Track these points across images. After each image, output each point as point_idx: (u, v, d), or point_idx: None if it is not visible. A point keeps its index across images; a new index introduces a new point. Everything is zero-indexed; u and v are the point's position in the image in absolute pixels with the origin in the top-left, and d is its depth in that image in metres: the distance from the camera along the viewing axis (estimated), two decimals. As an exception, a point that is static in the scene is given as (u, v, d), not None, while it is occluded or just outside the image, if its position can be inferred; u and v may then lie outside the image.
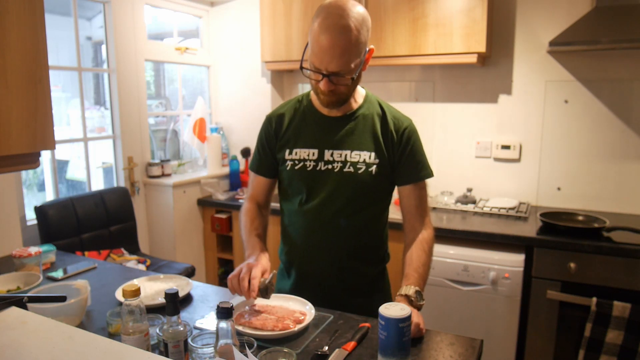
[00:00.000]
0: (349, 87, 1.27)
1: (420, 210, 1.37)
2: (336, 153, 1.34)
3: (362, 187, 1.32)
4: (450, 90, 2.80)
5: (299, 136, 1.38)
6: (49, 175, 2.58)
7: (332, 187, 1.33)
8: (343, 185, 1.32)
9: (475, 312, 2.21)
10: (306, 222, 1.38)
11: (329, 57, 1.18)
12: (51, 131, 0.88)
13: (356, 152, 1.33)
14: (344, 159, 1.33)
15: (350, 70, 1.21)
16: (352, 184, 1.32)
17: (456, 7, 2.37)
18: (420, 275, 1.29)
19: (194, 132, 3.08)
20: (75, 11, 2.55)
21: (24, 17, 0.81)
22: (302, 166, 1.36)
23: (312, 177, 1.35)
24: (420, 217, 1.37)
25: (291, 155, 1.38)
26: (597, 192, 2.53)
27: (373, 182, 1.33)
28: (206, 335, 1.07)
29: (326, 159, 1.34)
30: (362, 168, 1.32)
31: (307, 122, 1.38)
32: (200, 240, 3.15)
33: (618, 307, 1.93)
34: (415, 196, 1.36)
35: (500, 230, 2.19)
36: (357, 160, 1.32)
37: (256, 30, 3.07)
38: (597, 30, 2.19)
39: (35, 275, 1.53)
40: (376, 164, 1.32)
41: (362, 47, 1.21)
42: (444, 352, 1.13)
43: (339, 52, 1.17)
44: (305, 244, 1.40)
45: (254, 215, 1.44)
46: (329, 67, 1.20)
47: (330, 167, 1.33)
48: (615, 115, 2.45)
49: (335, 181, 1.33)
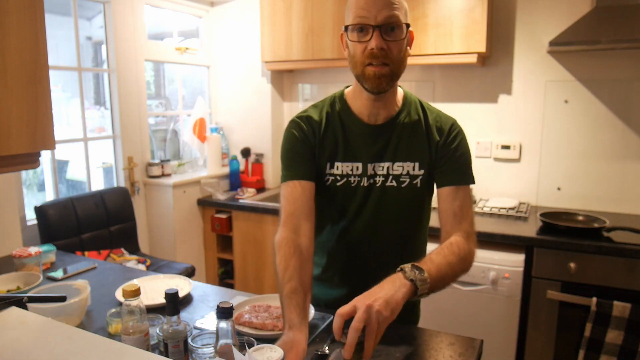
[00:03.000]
0: (401, 55, 1.11)
1: (460, 217, 1.17)
2: (378, 166, 1.20)
3: (406, 202, 1.21)
4: (450, 90, 2.80)
5: (339, 147, 1.22)
6: (49, 175, 2.58)
7: (375, 204, 1.21)
8: (386, 201, 1.20)
9: (475, 312, 2.21)
10: (348, 241, 1.26)
11: (380, 4, 1.07)
12: (51, 131, 0.88)
13: (399, 164, 1.20)
14: (387, 172, 1.20)
15: (401, 24, 1.09)
16: (395, 200, 1.20)
17: (456, 7, 2.36)
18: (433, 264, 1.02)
19: (194, 132, 3.08)
20: (75, 11, 2.54)
21: (24, 17, 0.81)
22: (345, 182, 1.21)
23: (355, 195, 1.21)
24: (458, 225, 1.16)
25: (332, 169, 1.22)
26: (597, 192, 2.53)
27: (418, 195, 1.21)
28: (206, 335, 1.07)
29: (369, 173, 1.21)
30: (405, 181, 1.20)
31: (347, 131, 1.22)
32: (200, 240, 3.15)
33: (618, 307, 1.93)
34: (453, 200, 1.17)
35: (500, 230, 2.19)
36: (400, 173, 1.20)
37: (256, 30, 3.07)
38: (597, 30, 2.19)
39: (35, 275, 1.53)
40: (421, 175, 1.20)
41: (407, 13, 1.12)
42: (444, 352, 1.13)
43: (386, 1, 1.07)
44: (347, 264, 1.30)
45: (289, 253, 1.09)
46: (379, 16, 1.07)
47: (373, 182, 1.20)
48: (615, 115, 2.45)
49: (377, 197, 1.20)
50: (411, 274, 0.97)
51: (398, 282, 0.96)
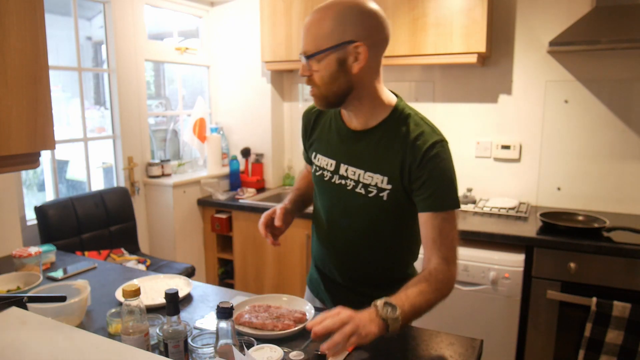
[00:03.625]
0: (326, 79, 1.13)
1: (439, 244, 1.14)
2: (350, 170, 1.24)
3: (372, 210, 1.22)
4: (450, 90, 2.80)
5: (322, 142, 1.32)
6: (49, 175, 2.58)
7: (345, 204, 1.26)
8: (354, 205, 1.24)
9: (475, 312, 2.21)
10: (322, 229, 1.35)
11: (304, 32, 1.15)
12: (51, 131, 0.88)
13: (369, 174, 1.21)
14: (357, 179, 1.23)
15: (317, 50, 1.11)
16: (362, 207, 1.23)
17: (456, 7, 2.37)
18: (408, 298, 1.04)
19: (194, 132, 3.08)
20: (75, 11, 2.55)
21: (24, 17, 0.81)
22: (321, 174, 1.31)
23: (329, 188, 1.29)
24: (437, 251, 1.14)
25: (315, 159, 1.33)
26: (597, 192, 2.53)
27: (385, 207, 1.21)
28: (206, 335, 1.08)
29: (341, 173, 1.26)
30: (372, 192, 1.21)
31: (331, 130, 1.30)
32: (200, 240, 3.15)
33: (618, 307, 1.93)
34: (432, 226, 1.15)
35: (500, 230, 2.19)
36: (369, 183, 1.21)
37: (256, 30, 3.07)
38: (597, 30, 2.19)
39: (35, 275, 1.53)
40: (388, 190, 1.19)
41: (335, 34, 1.10)
42: (444, 352, 1.13)
43: (307, 30, 1.13)
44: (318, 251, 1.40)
45: (302, 177, 1.56)
46: (302, 45, 1.15)
47: (344, 183, 1.25)
48: (615, 115, 2.45)
49: (347, 199, 1.25)
50: (383, 312, 1.00)
51: (369, 317, 0.99)
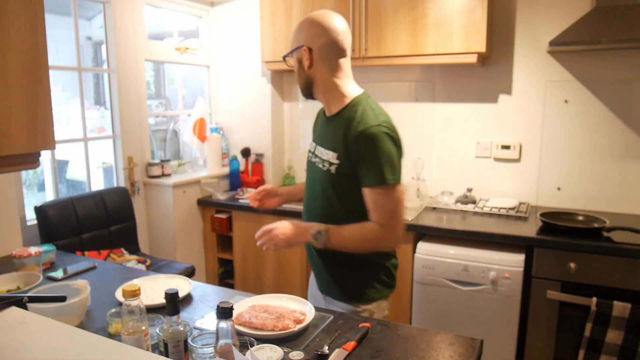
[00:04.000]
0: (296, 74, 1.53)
1: (374, 214, 1.36)
2: (319, 149, 1.49)
3: (325, 182, 1.44)
4: (450, 90, 2.80)
5: (314, 130, 1.62)
6: (49, 175, 2.58)
7: (314, 178, 1.51)
8: (317, 178, 1.48)
9: (475, 312, 2.21)
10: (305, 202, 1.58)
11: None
12: (51, 131, 0.88)
13: (326, 150, 1.45)
14: (320, 156, 1.47)
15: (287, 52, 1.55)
16: (320, 179, 1.46)
17: (456, 7, 2.37)
18: (338, 229, 1.36)
19: (194, 132, 3.08)
20: (75, 11, 2.55)
21: (24, 18, 0.81)
22: (308, 156, 1.57)
23: (310, 167, 1.55)
24: (373, 219, 1.36)
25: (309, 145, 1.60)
26: (597, 192, 2.53)
27: (334, 180, 1.41)
28: (206, 335, 1.08)
29: (316, 152, 1.51)
30: (326, 166, 1.43)
31: (319, 119, 1.60)
32: (200, 240, 3.15)
33: (618, 307, 1.93)
34: (369, 200, 1.36)
35: (500, 230, 2.19)
36: (325, 159, 1.44)
37: (256, 30, 3.07)
38: (597, 30, 2.19)
39: (35, 275, 1.53)
40: (336, 164, 1.40)
41: (295, 40, 1.49)
42: (444, 352, 1.13)
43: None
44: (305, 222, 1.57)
45: None
46: None
47: (315, 161, 1.51)
48: (615, 115, 2.45)
49: (315, 174, 1.49)
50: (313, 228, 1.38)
51: (295, 226, 1.41)
